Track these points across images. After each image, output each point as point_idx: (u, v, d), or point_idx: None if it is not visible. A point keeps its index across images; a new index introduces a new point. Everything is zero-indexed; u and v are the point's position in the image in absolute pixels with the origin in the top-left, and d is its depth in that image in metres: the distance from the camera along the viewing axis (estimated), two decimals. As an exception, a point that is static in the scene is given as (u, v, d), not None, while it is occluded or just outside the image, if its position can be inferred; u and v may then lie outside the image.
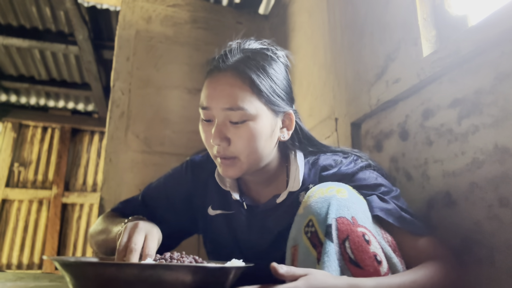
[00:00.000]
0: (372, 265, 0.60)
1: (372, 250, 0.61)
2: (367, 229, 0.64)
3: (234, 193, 0.90)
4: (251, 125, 0.78)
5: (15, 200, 4.43)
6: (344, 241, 0.60)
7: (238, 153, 0.80)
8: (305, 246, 0.65)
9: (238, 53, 0.83)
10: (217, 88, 0.80)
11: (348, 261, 0.59)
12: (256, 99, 0.79)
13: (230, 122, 0.79)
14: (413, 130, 1.01)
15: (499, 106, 0.75)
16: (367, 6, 1.28)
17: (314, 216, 0.65)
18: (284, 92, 0.85)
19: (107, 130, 1.96)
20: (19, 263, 4.30)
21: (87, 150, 4.87)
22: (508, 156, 0.73)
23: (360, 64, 1.30)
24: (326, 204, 0.65)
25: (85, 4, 2.70)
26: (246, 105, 0.77)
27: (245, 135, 0.78)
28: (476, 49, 0.79)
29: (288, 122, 0.87)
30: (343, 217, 0.63)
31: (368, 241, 0.62)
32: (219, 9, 2.37)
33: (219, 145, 0.79)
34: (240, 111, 0.77)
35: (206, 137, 0.84)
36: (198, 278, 0.55)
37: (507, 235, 0.72)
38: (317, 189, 0.71)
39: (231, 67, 0.80)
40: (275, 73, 0.83)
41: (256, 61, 0.81)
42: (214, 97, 0.79)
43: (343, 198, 0.66)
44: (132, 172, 1.92)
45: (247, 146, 0.79)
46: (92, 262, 0.60)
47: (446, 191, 0.88)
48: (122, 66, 2.07)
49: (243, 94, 0.78)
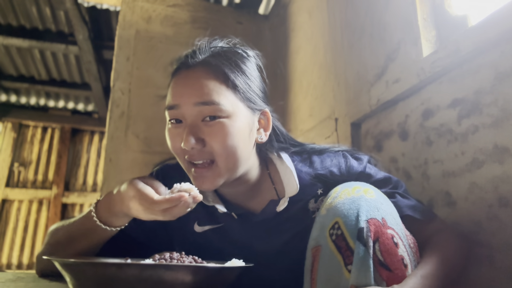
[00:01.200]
0: (400, 268, 0.58)
1: (400, 253, 0.59)
2: (395, 231, 0.61)
3: (219, 206, 0.82)
4: (227, 122, 0.70)
5: (15, 200, 4.43)
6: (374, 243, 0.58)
7: (215, 155, 0.71)
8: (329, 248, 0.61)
9: (207, 51, 0.77)
10: (186, 83, 0.72)
11: (377, 263, 0.57)
12: (232, 95, 0.72)
13: (203, 121, 0.71)
14: (413, 130, 1.01)
15: (499, 106, 0.75)
16: (367, 6, 1.28)
17: (341, 218, 0.61)
18: (259, 90, 0.79)
19: (107, 130, 1.96)
20: (19, 263, 4.31)
21: (87, 150, 4.87)
22: (508, 156, 0.73)
23: (360, 64, 1.30)
24: (355, 206, 0.61)
25: (85, 4, 2.70)
26: (221, 99, 0.70)
27: (221, 134, 0.70)
28: (476, 49, 0.79)
29: (265, 122, 0.81)
30: (374, 218, 0.60)
31: (396, 243, 0.60)
32: (219, 9, 2.37)
33: (193, 147, 0.70)
34: (215, 105, 0.69)
35: (174, 142, 0.74)
36: (198, 278, 0.55)
37: (507, 235, 0.72)
38: (341, 190, 0.67)
39: (201, 62, 0.73)
40: (249, 70, 0.77)
41: (227, 57, 0.75)
42: (184, 93, 0.71)
43: (372, 198, 0.63)
44: (132, 172, 1.92)
45: (224, 146, 0.70)
46: (92, 262, 0.60)
47: (446, 191, 0.88)
48: (122, 66, 2.07)
49: (217, 88, 0.71)
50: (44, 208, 4.51)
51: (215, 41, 0.81)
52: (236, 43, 0.83)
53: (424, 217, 0.73)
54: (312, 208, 0.81)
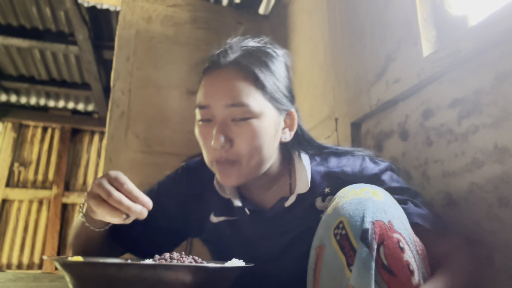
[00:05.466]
0: (405, 273, 0.57)
1: (405, 258, 0.58)
2: (402, 235, 0.60)
3: (235, 200, 0.85)
4: (255, 123, 0.73)
5: (15, 200, 4.43)
6: (379, 246, 0.57)
7: (241, 156, 0.74)
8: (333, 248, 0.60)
9: (238, 50, 0.79)
10: (217, 84, 0.75)
11: (381, 266, 0.56)
12: (260, 95, 0.75)
13: (233, 121, 0.74)
14: (413, 130, 1.01)
15: (499, 106, 0.75)
16: (367, 6, 1.28)
17: (345, 218, 0.60)
18: (286, 90, 0.81)
19: (107, 130, 1.96)
20: (19, 263, 4.30)
21: (87, 150, 4.87)
22: (508, 156, 0.73)
23: (360, 64, 1.30)
24: (361, 207, 0.60)
25: (85, 4, 2.70)
26: (250, 101, 0.73)
27: (248, 135, 0.73)
28: (476, 49, 0.79)
29: (290, 121, 0.83)
30: (380, 221, 0.59)
31: (402, 248, 0.58)
32: (219, 9, 2.36)
33: (223, 146, 0.73)
34: (244, 107, 0.72)
35: (205, 140, 0.77)
36: (198, 278, 0.55)
37: (507, 235, 0.72)
38: (349, 190, 0.66)
39: (232, 62, 0.76)
40: (277, 70, 0.79)
41: (257, 57, 0.77)
42: (214, 94, 0.74)
43: (379, 200, 0.62)
44: (132, 172, 1.92)
45: (250, 146, 0.73)
46: (92, 262, 0.60)
47: (446, 191, 0.88)
48: (122, 66, 2.07)
49: (246, 90, 0.73)
50: (44, 208, 4.50)
51: (246, 40, 0.84)
52: (267, 42, 0.85)
53: (434, 228, 0.70)
54: (320, 207, 0.81)
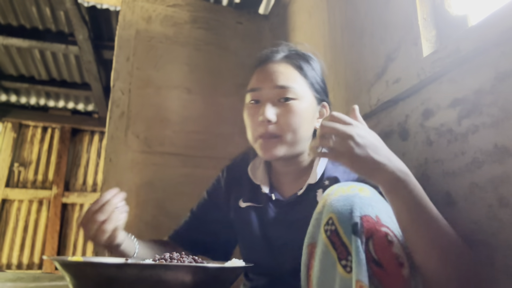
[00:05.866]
0: (395, 266, 0.58)
1: (394, 251, 0.59)
2: (389, 229, 0.61)
3: (264, 186, 0.97)
4: (297, 104, 0.88)
5: (15, 200, 4.43)
6: (367, 240, 0.58)
7: (283, 131, 0.87)
8: (324, 244, 0.62)
9: (286, 50, 0.97)
10: (270, 70, 0.91)
11: (371, 260, 0.57)
12: (303, 82, 0.92)
13: (278, 101, 0.89)
14: (413, 130, 1.01)
15: (499, 106, 0.75)
16: (367, 6, 1.28)
17: (334, 214, 0.62)
18: (323, 84, 0.98)
19: (107, 130, 1.96)
20: (19, 263, 4.30)
21: (87, 150, 4.86)
22: (508, 156, 0.73)
23: (360, 64, 1.30)
24: (349, 203, 0.62)
25: (85, 4, 2.70)
26: (296, 84, 0.90)
27: (291, 113, 0.87)
28: (476, 49, 0.79)
29: (324, 113, 0.96)
30: (368, 215, 0.60)
31: (390, 241, 0.60)
32: (219, 9, 2.36)
33: (269, 120, 0.86)
34: (290, 89, 0.88)
35: (252, 119, 0.91)
36: (198, 278, 0.55)
37: (507, 235, 0.72)
38: (337, 188, 0.68)
39: (281, 57, 0.94)
40: (316, 68, 0.97)
41: (301, 56, 0.96)
42: (266, 78, 0.91)
43: (366, 196, 0.64)
44: (132, 172, 1.92)
45: (291, 123, 0.87)
46: (92, 262, 0.60)
47: (446, 191, 0.87)
48: (122, 66, 2.06)
49: (293, 76, 0.91)
50: (44, 208, 4.50)
51: (289, 45, 1.01)
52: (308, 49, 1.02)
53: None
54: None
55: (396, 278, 0.57)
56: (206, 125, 2.09)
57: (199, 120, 2.10)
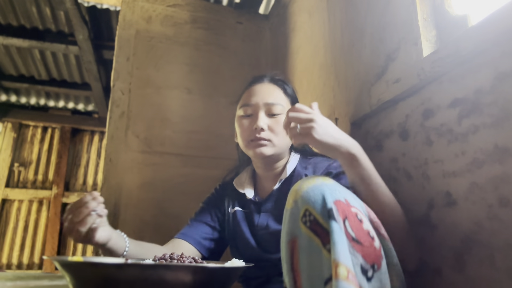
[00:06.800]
0: (368, 241, 0.64)
1: (365, 228, 0.66)
2: (357, 208, 0.68)
3: (248, 193, 1.13)
4: (282, 117, 1.06)
5: (15, 200, 4.43)
6: (344, 221, 0.63)
7: (272, 137, 1.05)
8: (306, 236, 0.65)
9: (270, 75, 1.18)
10: (261, 90, 1.11)
11: (351, 239, 0.62)
12: (287, 100, 1.13)
13: (269, 115, 1.07)
14: (413, 130, 1.01)
15: (499, 106, 0.75)
16: (367, 6, 1.28)
17: (309, 205, 0.66)
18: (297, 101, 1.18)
19: (107, 130, 1.96)
20: (19, 263, 4.30)
21: (87, 150, 4.86)
22: (508, 156, 0.73)
23: (360, 64, 1.30)
24: (319, 192, 0.66)
25: (85, 4, 2.70)
26: (282, 102, 1.10)
27: (278, 124, 1.06)
28: (476, 49, 0.79)
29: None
30: (338, 200, 0.66)
31: (360, 220, 0.66)
32: (219, 9, 2.36)
33: (262, 128, 1.04)
34: (279, 105, 1.08)
35: (244, 128, 1.08)
36: (198, 278, 0.55)
37: (507, 235, 0.72)
38: (302, 182, 0.72)
39: (268, 80, 1.16)
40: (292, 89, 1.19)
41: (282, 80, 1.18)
42: (259, 95, 1.10)
43: (331, 184, 0.70)
44: (132, 172, 1.92)
45: (278, 132, 1.05)
46: (92, 262, 0.60)
47: (446, 191, 0.87)
48: (122, 66, 2.06)
49: (280, 95, 1.12)
50: (44, 208, 4.50)
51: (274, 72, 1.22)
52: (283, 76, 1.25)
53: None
54: None
55: (372, 250, 0.64)
56: (206, 125, 2.09)
57: (199, 120, 2.10)
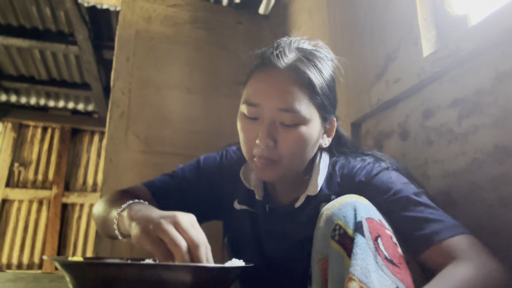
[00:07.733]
0: (405, 265, 0.59)
1: (400, 252, 0.61)
2: (392, 233, 0.63)
3: (257, 193, 0.87)
4: (302, 129, 0.74)
5: (15, 200, 4.43)
6: (376, 238, 0.59)
7: (282, 157, 0.75)
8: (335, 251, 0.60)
9: (294, 51, 0.78)
10: (272, 85, 0.74)
11: (384, 258, 0.58)
12: (311, 103, 0.75)
13: (281, 124, 0.74)
14: (413, 130, 1.01)
15: (499, 106, 0.75)
16: (367, 6, 1.28)
17: (340, 220, 0.61)
18: (333, 98, 0.81)
19: (107, 130, 1.96)
20: (19, 263, 4.30)
21: (87, 150, 4.86)
22: (508, 156, 0.73)
23: (360, 64, 1.30)
24: (351, 207, 0.62)
25: (85, 4, 2.70)
26: (302, 108, 0.73)
27: (294, 139, 0.74)
28: (476, 49, 0.79)
29: (329, 128, 0.83)
30: (372, 218, 0.61)
31: (395, 243, 0.62)
32: (219, 9, 2.36)
33: (267, 146, 0.73)
34: (296, 113, 0.72)
35: (247, 135, 0.77)
36: (198, 278, 0.55)
37: (507, 235, 0.72)
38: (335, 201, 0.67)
39: (289, 65, 0.75)
40: (329, 79, 0.79)
41: (313, 63, 0.76)
42: (268, 95, 0.74)
43: (366, 203, 0.65)
44: (132, 172, 1.92)
45: (293, 150, 0.74)
46: (92, 262, 0.60)
47: (446, 191, 0.87)
48: (122, 66, 2.06)
49: (300, 96, 0.73)
50: (44, 208, 4.50)
51: (301, 41, 0.83)
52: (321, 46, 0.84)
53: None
54: None
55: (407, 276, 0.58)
56: (206, 125, 2.09)
57: (199, 120, 2.10)
